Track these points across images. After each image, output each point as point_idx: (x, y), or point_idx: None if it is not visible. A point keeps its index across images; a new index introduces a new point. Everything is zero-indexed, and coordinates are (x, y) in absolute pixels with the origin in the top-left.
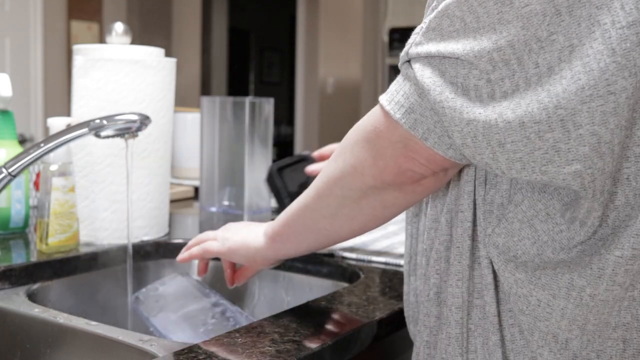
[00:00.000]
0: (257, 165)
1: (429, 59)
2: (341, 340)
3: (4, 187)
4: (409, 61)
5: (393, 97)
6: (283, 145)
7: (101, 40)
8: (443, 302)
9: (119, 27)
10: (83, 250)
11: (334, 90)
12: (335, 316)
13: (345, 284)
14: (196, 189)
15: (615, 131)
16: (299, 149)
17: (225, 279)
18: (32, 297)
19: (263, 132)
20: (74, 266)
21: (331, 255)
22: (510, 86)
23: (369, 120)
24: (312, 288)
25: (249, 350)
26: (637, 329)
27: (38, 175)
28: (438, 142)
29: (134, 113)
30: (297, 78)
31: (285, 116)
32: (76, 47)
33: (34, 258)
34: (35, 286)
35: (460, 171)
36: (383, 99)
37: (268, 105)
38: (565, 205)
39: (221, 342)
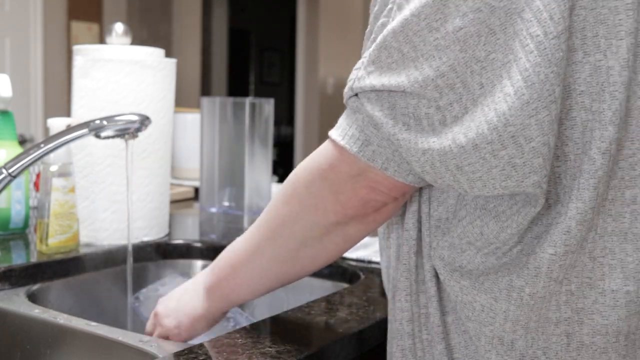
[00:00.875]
0: (257, 165)
1: (376, 92)
2: (341, 341)
3: (4, 187)
4: (356, 95)
5: (346, 132)
6: (283, 146)
7: (101, 40)
8: (393, 316)
9: (119, 27)
10: (83, 250)
11: (334, 90)
12: (336, 317)
13: (346, 285)
14: (196, 190)
15: (555, 135)
16: (299, 149)
17: None
18: (32, 297)
19: (263, 132)
20: (74, 267)
21: None
22: (460, 109)
23: (322, 157)
24: (312, 289)
25: (249, 350)
26: (579, 322)
27: (38, 175)
28: (398, 170)
29: (134, 113)
30: (297, 78)
31: (285, 116)
32: (76, 48)
33: (34, 259)
34: (35, 287)
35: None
36: (335, 134)
37: (268, 106)
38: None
39: (221, 342)
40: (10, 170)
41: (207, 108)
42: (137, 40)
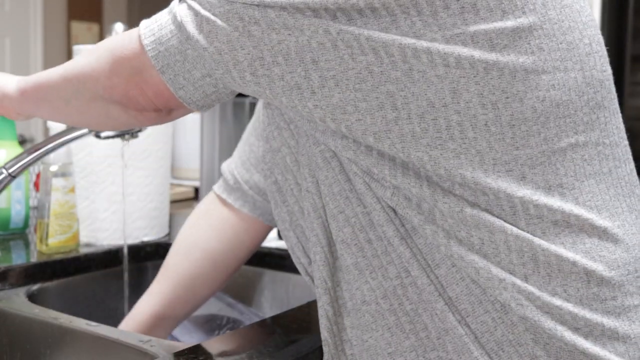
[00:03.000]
0: None
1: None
2: None
3: (4, 187)
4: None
5: (150, 24)
6: None
7: (101, 40)
8: (362, 300)
9: (119, 27)
10: (83, 250)
11: None
12: None
13: None
14: (196, 190)
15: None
16: None
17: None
18: (32, 297)
19: None
20: (74, 267)
21: None
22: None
23: (126, 36)
24: (313, 288)
25: (249, 350)
26: (592, 259)
27: (38, 175)
28: (173, 80)
29: None
30: None
31: None
32: (76, 48)
33: (34, 259)
34: (35, 287)
35: (324, 178)
36: (143, 22)
37: None
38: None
39: (221, 342)
40: (10, 170)
41: None
42: None
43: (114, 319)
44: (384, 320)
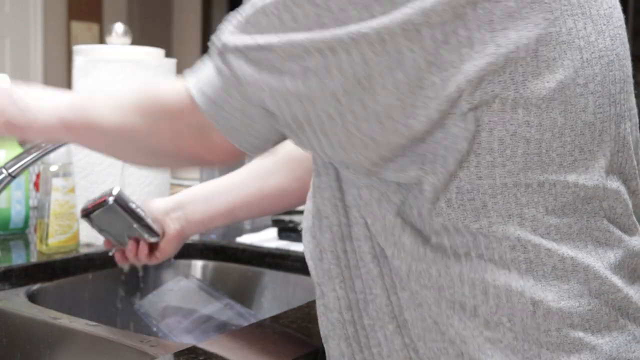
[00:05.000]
0: None
1: (248, 53)
2: None
3: (4, 187)
4: (222, 52)
5: (203, 89)
6: None
7: (101, 40)
8: (326, 308)
9: (119, 27)
10: (83, 251)
11: None
12: None
13: None
14: None
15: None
16: None
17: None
18: (32, 297)
19: None
20: (74, 267)
21: None
22: (325, 73)
23: (175, 99)
24: (313, 289)
25: (249, 350)
26: (542, 289)
27: (38, 176)
28: (238, 138)
29: None
30: None
31: None
32: (76, 48)
33: (34, 259)
34: (35, 287)
35: (320, 181)
36: (192, 85)
37: None
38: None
39: (221, 342)
40: (10, 170)
41: None
42: (137, 40)
43: (114, 319)
44: (342, 330)
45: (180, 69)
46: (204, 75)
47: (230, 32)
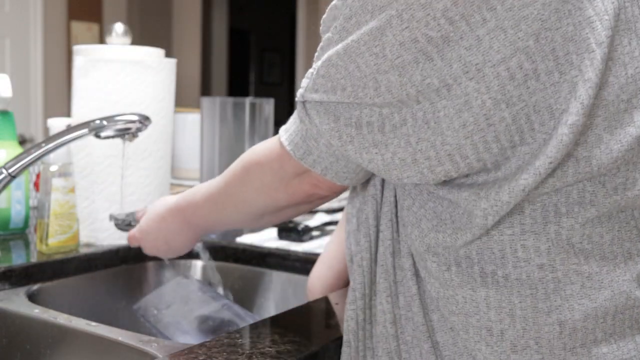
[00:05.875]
0: None
1: (324, 105)
2: (340, 340)
3: (4, 187)
4: (304, 102)
5: (292, 138)
6: None
7: (101, 40)
8: (374, 319)
9: (119, 27)
10: (83, 251)
11: None
12: (336, 317)
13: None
14: None
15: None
16: None
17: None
18: (32, 297)
19: (263, 132)
20: (74, 267)
21: None
22: (399, 120)
23: (274, 154)
24: None
25: (249, 350)
26: (569, 309)
27: (38, 175)
28: (335, 176)
29: (134, 114)
30: (297, 78)
31: (285, 117)
32: (76, 48)
33: (34, 259)
34: (36, 287)
35: (369, 193)
36: (284, 137)
37: (268, 106)
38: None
39: (221, 342)
40: (10, 170)
41: (207, 108)
42: (137, 40)
43: (114, 319)
44: (386, 344)
45: (180, 69)
46: (292, 129)
47: (305, 84)
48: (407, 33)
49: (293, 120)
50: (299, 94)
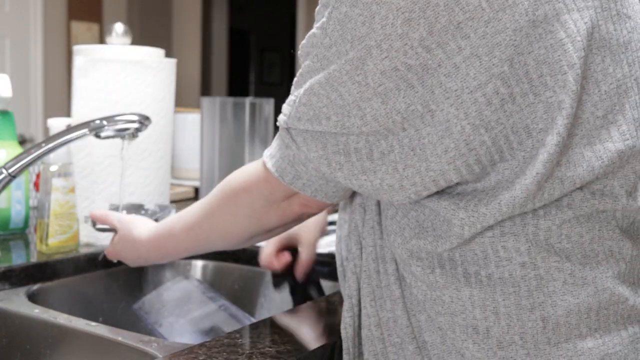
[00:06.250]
0: None
1: (310, 133)
2: (340, 340)
3: (4, 187)
4: (287, 128)
5: (279, 164)
6: None
7: (101, 40)
8: (362, 323)
9: (119, 27)
10: (83, 251)
11: None
12: (336, 317)
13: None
14: (196, 190)
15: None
16: None
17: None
18: (32, 297)
19: (263, 132)
20: (74, 267)
21: (332, 255)
22: (386, 147)
23: (261, 179)
24: None
25: (249, 350)
26: (552, 305)
27: (38, 175)
28: (325, 196)
29: (134, 114)
30: None
31: None
32: (76, 48)
33: (34, 259)
34: (35, 287)
35: (354, 207)
36: (270, 164)
37: (268, 106)
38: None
39: (221, 342)
40: (10, 170)
41: (207, 108)
42: (137, 40)
43: (114, 319)
44: (372, 346)
45: (180, 69)
46: (277, 153)
47: (288, 111)
48: (387, 62)
49: (277, 145)
50: (282, 120)
